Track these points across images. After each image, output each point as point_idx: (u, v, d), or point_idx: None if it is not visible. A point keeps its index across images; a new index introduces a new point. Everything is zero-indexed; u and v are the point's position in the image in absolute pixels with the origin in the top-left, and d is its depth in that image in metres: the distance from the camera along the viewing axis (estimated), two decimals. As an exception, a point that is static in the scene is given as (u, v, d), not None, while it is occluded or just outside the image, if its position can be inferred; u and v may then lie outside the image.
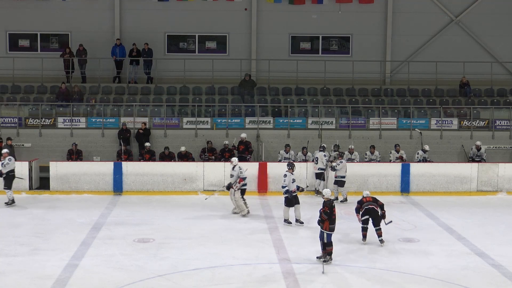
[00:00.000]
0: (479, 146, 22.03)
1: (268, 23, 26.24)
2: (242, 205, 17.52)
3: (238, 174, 17.49)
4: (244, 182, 17.51)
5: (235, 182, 17.47)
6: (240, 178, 17.44)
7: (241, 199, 17.53)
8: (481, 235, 15.90)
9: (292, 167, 16.76)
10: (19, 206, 18.58)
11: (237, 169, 17.56)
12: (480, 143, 22.11)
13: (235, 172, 17.56)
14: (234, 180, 17.53)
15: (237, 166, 17.62)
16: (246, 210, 17.52)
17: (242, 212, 17.49)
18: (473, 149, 22.15)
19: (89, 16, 25.87)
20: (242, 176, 17.49)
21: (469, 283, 12.33)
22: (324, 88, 25.49)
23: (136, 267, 12.99)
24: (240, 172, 17.51)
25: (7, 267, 12.90)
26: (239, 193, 17.48)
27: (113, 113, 23.54)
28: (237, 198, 17.52)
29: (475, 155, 22.00)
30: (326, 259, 13.35)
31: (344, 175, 19.55)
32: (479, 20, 26.51)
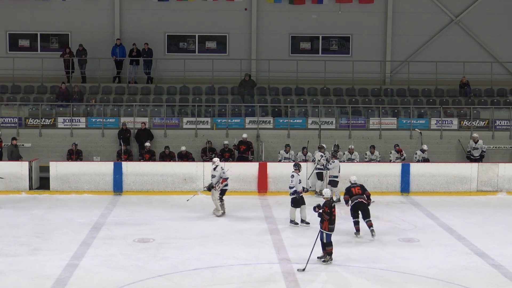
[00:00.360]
0: (477, 138, 21.90)
1: (268, 23, 26.24)
2: (218, 205, 17.36)
3: (221, 175, 17.38)
4: (226, 183, 17.43)
5: (218, 183, 17.35)
6: (223, 179, 17.34)
7: (219, 200, 17.37)
8: (481, 235, 15.89)
9: (298, 167, 16.67)
10: (19, 206, 18.58)
11: (219, 169, 17.44)
12: (477, 135, 22.01)
13: (217, 173, 17.43)
14: (216, 180, 17.40)
15: (219, 166, 17.50)
16: (221, 212, 17.35)
17: (217, 213, 17.32)
18: (470, 142, 22.07)
19: (89, 16, 25.88)
20: (225, 176, 17.40)
21: (469, 283, 12.33)
22: (324, 88, 25.49)
23: (136, 267, 12.99)
24: (223, 173, 17.42)
25: (7, 267, 12.90)
26: (218, 193, 17.35)
27: (113, 113, 23.54)
28: (215, 198, 17.37)
29: (472, 148, 21.89)
30: (326, 259, 13.36)
31: (337, 175, 19.50)
32: (479, 20, 26.51)
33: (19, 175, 20.23)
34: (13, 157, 20.72)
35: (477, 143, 21.89)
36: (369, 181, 20.65)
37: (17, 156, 20.80)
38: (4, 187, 20.17)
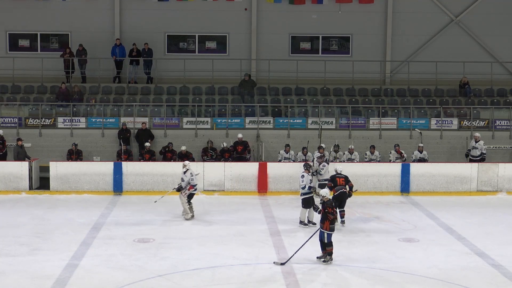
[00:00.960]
0: (478, 138, 21.83)
1: (268, 23, 26.24)
2: (187, 209, 17.07)
3: (189, 181, 17.04)
4: (194, 189, 17.09)
5: (185, 188, 17.04)
6: (191, 186, 17.01)
7: (187, 203, 17.07)
8: (481, 235, 15.89)
9: (308, 167, 16.61)
10: (19, 206, 18.59)
11: (188, 174, 17.09)
12: (479, 135, 21.95)
13: (186, 177, 17.10)
14: (184, 185, 17.11)
15: (189, 171, 17.12)
16: (190, 215, 17.05)
17: (186, 216, 17.04)
18: (471, 142, 21.97)
19: (89, 16, 25.87)
20: (193, 183, 17.04)
21: (469, 283, 12.33)
22: (324, 88, 25.49)
23: (136, 267, 12.99)
24: (191, 179, 17.02)
25: (7, 267, 12.90)
26: (186, 197, 17.06)
27: (113, 113, 23.54)
28: (183, 201, 17.08)
29: (471, 148, 21.85)
30: (326, 259, 13.36)
31: (328, 179, 19.20)
32: (479, 20, 26.51)
33: (19, 175, 20.24)
34: (19, 157, 20.70)
35: (477, 143, 21.82)
36: (369, 181, 20.68)
37: (23, 156, 20.75)
38: (4, 187, 20.19)
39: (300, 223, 16.45)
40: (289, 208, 18.44)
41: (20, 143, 21.01)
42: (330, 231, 13.34)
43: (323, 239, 13.37)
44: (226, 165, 20.71)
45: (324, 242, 13.37)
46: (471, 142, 22.19)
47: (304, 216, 16.41)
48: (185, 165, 17.33)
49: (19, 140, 21.11)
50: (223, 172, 20.50)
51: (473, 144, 21.87)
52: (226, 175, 20.51)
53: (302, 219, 16.44)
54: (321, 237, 13.40)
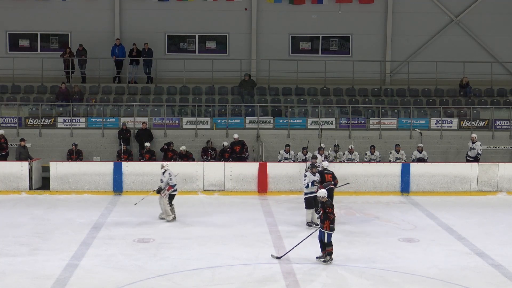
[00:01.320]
0: (475, 138, 21.79)
1: (268, 23, 26.25)
2: (168, 210, 16.82)
3: (168, 181, 16.84)
4: (173, 189, 16.89)
5: (164, 189, 16.87)
6: (170, 186, 16.79)
7: (168, 205, 16.84)
8: (481, 235, 15.89)
9: (312, 167, 16.49)
10: (19, 206, 18.59)
11: (167, 175, 16.88)
12: (475, 136, 21.94)
13: (165, 178, 16.92)
14: (163, 186, 16.92)
15: (167, 172, 16.91)
16: (171, 216, 16.80)
17: (168, 218, 16.78)
18: (469, 143, 21.92)
19: (89, 16, 25.89)
20: (172, 183, 16.83)
21: (469, 283, 12.33)
22: (324, 88, 25.50)
23: (136, 267, 12.99)
24: (170, 179, 16.82)
25: (7, 267, 12.90)
26: (167, 199, 16.87)
27: (113, 113, 23.55)
28: (164, 203, 16.83)
29: (469, 148, 21.81)
30: (326, 259, 13.36)
31: None
32: (479, 20, 26.53)
33: (19, 175, 20.24)
34: (21, 158, 20.69)
35: (474, 144, 21.76)
36: (369, 181, 20.69)
37: (26, 157, 20.74)
38: (4, 187, 20.19)
39: (307, 225, 16.26)
40: (289, 208, 18.45)
41: (23, 144, 21.00)
42: (330, 231, 13.33)
43: (323, 239, 13.37)
44: (226, 165, 20.72)
45: (324, 242, 13.36)
46: (469, 143, 22.14)
47: (309, 217, 16.28)
48: (163, 165, 17.15)
49: (22, 140, 21.10)
50: (223, 172, 20.50)
51: (470, 145, 21.84)
52: (226, 175, 20.52)
53: (308, 220, 16.30)
54: (321, 237, 13.40)
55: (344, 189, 20.50)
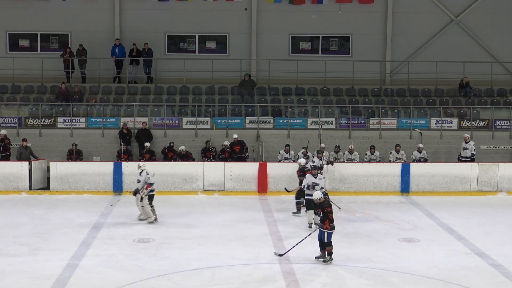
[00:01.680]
0: (468, 138, 21.74)
1: (268, 23, 26.25)
2: (149, 211, 16.59)
3: (145, 180, 16.58)
4: (151, 188, 16.64)
5: (142, 188, 16.60)
6: (148, 184, 16.55)
7: (149, 206, 16.60)
8: (481, 235, 15.89)
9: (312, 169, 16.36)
10: (19, 206, 18.59)
11: (144, 174, 16.65)
12: (468, 135, 21.90)
13: (142, 178, 16.67)
14: (141, 186, 16.64)
15: (144, 171, 16.69)
16: (153, 218, 16.57)
17: (149, 219, 16.54)
18: (462, 144, 21.84)
19: (89, 16, 25.89)
20: (150, 182, 16.58)
21: (469, 283, 12.33)
22: (324, 88, 25.50)
23: (136, 267, 12.99)
24: (148, 178, 16.57)
25: (7, 267, 12.90)
26: (147, 199, 16.57)
27: (113, 113, 23.55)
28: (144, 204, 16.55)
29: (462, 148, 21.77)
30: (326, 259, 13.35)
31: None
32: (479, 20, 26.53)
33: (19, 175, 20.24)
34: (22, 158, 20.69)
35: (467, 143, 21.71)
36: (369, 181, 20.69)
37: (26, 157, 20.72)
38: (4, 187, 20.19)
39: (309, 226, 16.07)
40: (289, 208, 18.43)
41: (25, 144, 20.98)
42: (331, 230, 13.33)
43: (322, 239, 13.37)
44: (226, 165, 20.72)
45: (324, 241, 13.36)
46: (461, 143, 22.07)
47: (310, 218, 16.12)
48: (140, 165, 16.91)
49: (23, 140, 21.09)
50: (223, 172, 20.50)
51: (463, 145, 21.78)
52: (226, 175, 20.52)
53: (309, 221, 16.14)
54: (321, 236, 13.39)
55: (344, 189, 20.63)
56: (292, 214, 17.58)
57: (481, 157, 22.67)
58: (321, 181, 15.99)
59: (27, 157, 20.76)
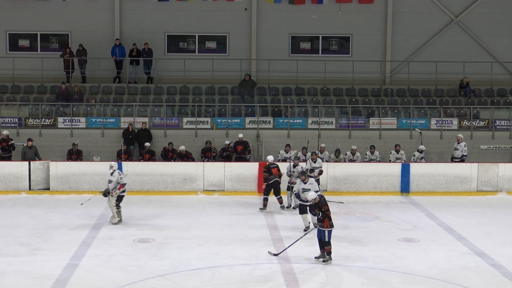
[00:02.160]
0: (460, 138, 21.65)
1: (268, 23, 26.25)
2: (114, 212, 16.38)
3: (118, 180, 16.40)
4: (123, 189, 16.46)
5: (115, 188, 16.36)
6: (121, 184, 16.37)
7: (115, 207, 16.37)
8: (481, 235, 15.89)
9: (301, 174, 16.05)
10: (19, 206, 18.58)
11: (116, 174, 16.46)
12: (461, 135, 21.87)
13: (114, 178, 16.44)
14: (113, 186, 16.40)
15: (116, 171, 16.50)
16: (117, 219, 16.37)
17: (113, 220, 16.38)
18: (455, 145, 21.81)
19: (89, 16, 25.88)
20: (122, 182, 16.40)
21: (469, 283, 12.33)
22: (324, 88, 25.50)
23: (136, 267, 12.99)
24: (120, 178, 16.42)
25: (7, 267, 12.90)
26: (115, 200, 16.35)
27: (113, 113, 23.55)
28: (112, 205, 16.39)
29: (454, 148, 21.63)
30: (326, 258, 13.35)
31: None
32: (479, 20, 26.52)
33: (19, 175, 20.24)
34: (26, 158, 20.69)
35: (459, 144, 21.65)
36: (369, 181, 20.69)
37: (30, 157, 20.71)
38: (4, 187, 20.19)
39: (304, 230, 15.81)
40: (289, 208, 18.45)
41: (30, 144, 20.97)
42: (330, 228, 13.33)
43: (322, 238, 13.37)
44: (226, 165, 20.71)
45: (323, 240, 13.36)
46: (454, 143, 22.01)
47: (306, 222, 15.92)
48: (111, 166, 16.64)
49: (29, 140, 21.08)
50: (223, 172, 20.50)
51: (455, 145, 21.75)
52: (226, 175, 20.52)
53: (305, 225, 15.88)
54: (320, 235, 13.39)
55: (344, 189, 20.62)
56: (258, 210, 18.12)
57: (481, 157, 22.68)
58: (312, 185, 15.43)
59: (31, 157, 20.76)
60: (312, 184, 15.52)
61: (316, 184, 15.72)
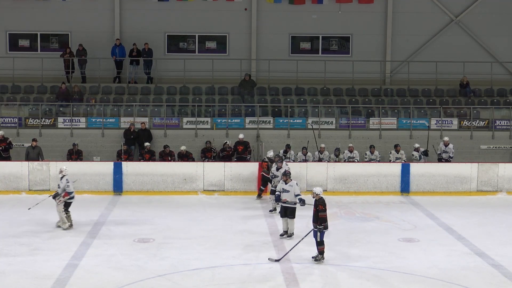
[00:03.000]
0: (447, 142, 21.69)
1: (268, 23, 26.24)
2: (63, 218, 15.90)
3: (64, 188, 15.87)
4: (69, 197, 15.89)
5: (60, 196, 15.90)
6: (66, 193, 15.84)
7: (64, 212, 15.88)
8: (481, 235, 15.89)
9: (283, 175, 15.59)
10: (19, 206, 18.57)
11: (64, 181, 15.93)
12: (447, 139, 21.86)
13: (62, 184, 15.96)
14: (60, 191, 15.95)
15: (65, 177, 15.96)
16: (67, 224, 15.89)
17: (63, 226, 15.87)
18: (440, 145, 21.80)
19: (89, 16, 25.87)
20: (69, 190, 15.85)
21: (469, 283, 12.34)
22: (324, 88, 25.50)
23: (136, 267, 13.00)
24: (67, 186, 15.87)
25: (7, 267, 12.90)
26: (63, 206, 15.87)
27: (113, 113, 23.55)
28: (59, 210, 15.91)
29: (442, 151, 21.64)
30: (318, 258, 13.40)
31: None
32: (479, 20, 26.51)
33: (19, 175, 20.23)
34: (29, 158, 20.69)
35: (447, 147, 21.60)
36: (369, 181, 20.68)
37: (33, 157, 20.68)
38: (4, 187, 20.19)
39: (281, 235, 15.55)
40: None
41: (34, 144, 20.98)
42: (324, 229, 13.35)
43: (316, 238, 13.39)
44: (226, 165, 20.71)
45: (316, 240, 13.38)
46: (439, 146, 21.79)
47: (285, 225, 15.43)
48: (61, 170, 16.11)
49: (33, 140, 21.09)
50: (223, 172, 20.50)
51: (442, 148, 21.67)
52: (226, 175, 20.51)
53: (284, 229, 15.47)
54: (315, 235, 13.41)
55: (344, 189, 20.62)
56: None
57: (481, 157, 22.67)
58: (293, 188, 15.07)
59: (34, 157, 20.75)
60: (293, 187, 15.15)
61: (298, 187, 15.20)
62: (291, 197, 15.08)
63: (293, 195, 14.97)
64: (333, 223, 15.95)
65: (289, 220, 15.28)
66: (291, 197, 15.07)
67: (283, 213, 15.36)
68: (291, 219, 15.25)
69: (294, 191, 15.07)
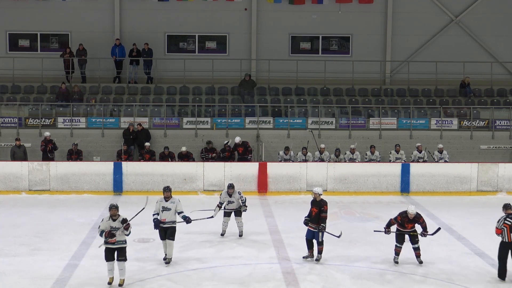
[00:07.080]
0: (442, 149, 21.63)
1: (268, 23, 26.24)
2: None
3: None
4: None
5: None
6: None
7: None
8: (481, 235, 15.88)
9: (228, 188, 15.45)
10: (19, 206, 18.59)
11: None
12: (442, 146, 21.78)
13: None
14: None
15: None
16: None
17: None
18: (435, 153, 21.66)
19: (89, 16, 25.87)
20: None
21: (469, 283, 12.34)
22: (324, 88, 25.50)
23: (136, 267, 13.00)
24: None
25: (7, 267, 12.91)
26: None
27: (113, 113, 23.54)
28: None
29: (438, 159, 21.58)
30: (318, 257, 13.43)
31: None
32: (479, 20, 26.52)
33: (19, 175, 20.23)
34: (15, 158, 20.71)
35: (442, 153, 21.51)
36: (369, 181, 20.68)
37: (20, 157, 20.72)
38: (4, 187, 20.19)
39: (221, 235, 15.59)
40: (289, 208, 18.47)
41: (18, 143, 20.99)
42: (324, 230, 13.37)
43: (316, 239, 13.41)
44: (226, 165, 20.71)
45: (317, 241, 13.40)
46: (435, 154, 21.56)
47: (225, 227, 15.58)
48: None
49: (17, 140, 21.10)
50: (223, 172, 20.50)
51: (438, 155, 21.53)
52: (226, 175, 20.51)
53: (223, 229, 15.61)
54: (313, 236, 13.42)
55: (344, 189, 20.63)
56: None
57: (481, 157, 22.68)
58: (236, 201, 15.27)
59: (20, 157, 20.75)
60: (235, 201, 15.27)
61: (240, 201, 15.25)
62: None
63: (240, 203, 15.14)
64: (333, 223, 15.99)
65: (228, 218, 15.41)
66: None
67: (227, 214, 15.38)
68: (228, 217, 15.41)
69: (237, 204, 15.25)
